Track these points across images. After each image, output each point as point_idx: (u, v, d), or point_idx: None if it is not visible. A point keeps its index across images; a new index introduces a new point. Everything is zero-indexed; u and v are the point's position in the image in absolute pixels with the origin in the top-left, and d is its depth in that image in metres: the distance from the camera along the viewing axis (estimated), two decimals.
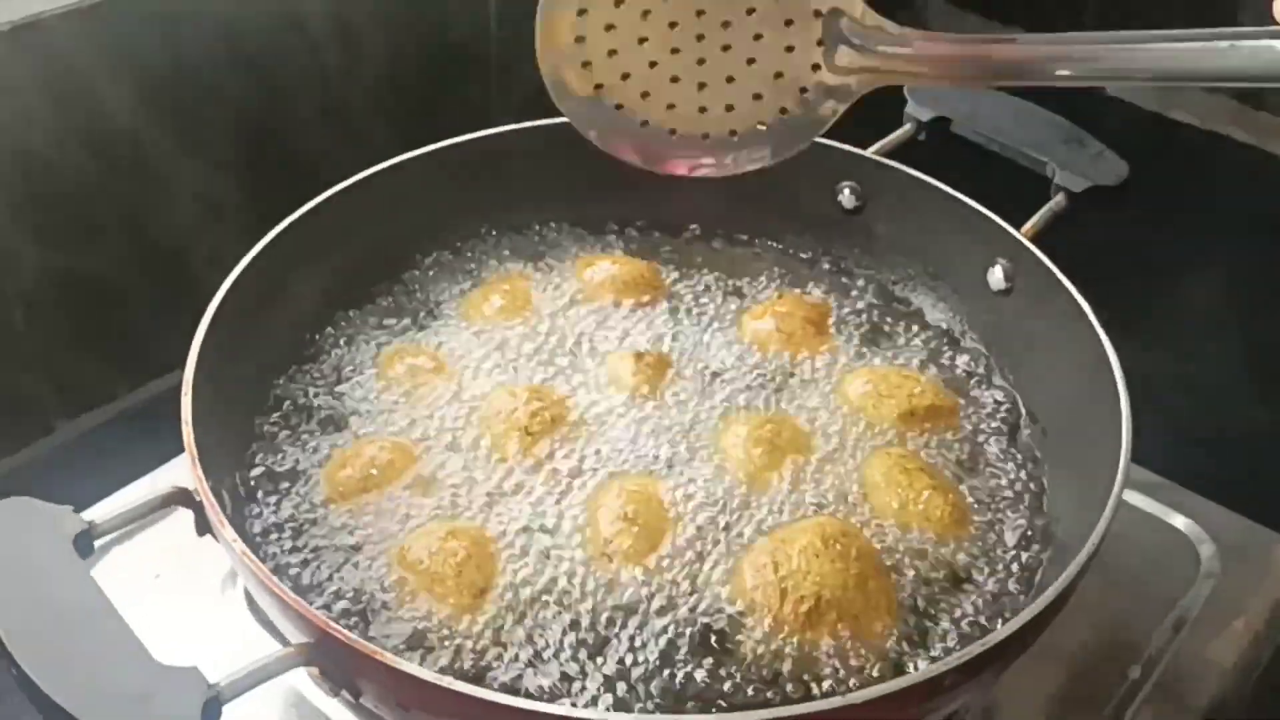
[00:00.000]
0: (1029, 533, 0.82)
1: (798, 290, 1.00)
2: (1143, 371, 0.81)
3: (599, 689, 0.70)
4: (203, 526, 0.72)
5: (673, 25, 0.74)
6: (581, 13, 0.73)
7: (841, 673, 0.71)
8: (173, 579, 0.86)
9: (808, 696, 0.70)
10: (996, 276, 0.94)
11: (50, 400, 1.20)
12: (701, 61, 0.75)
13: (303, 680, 0.80)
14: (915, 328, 0.98)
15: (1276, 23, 0.63)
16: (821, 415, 0.88)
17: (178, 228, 1.23)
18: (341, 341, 0.94)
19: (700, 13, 0.73)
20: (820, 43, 0.73)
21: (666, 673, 0.71)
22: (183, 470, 0.88)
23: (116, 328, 1.22)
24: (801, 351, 0.93)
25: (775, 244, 1.05)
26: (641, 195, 1.01)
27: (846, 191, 1.01)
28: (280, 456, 0.84)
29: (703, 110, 0.76)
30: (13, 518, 0.65)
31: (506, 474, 0.81)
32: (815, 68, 0.74)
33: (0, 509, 0.65)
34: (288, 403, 0.88)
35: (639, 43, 0.74)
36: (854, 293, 1.01)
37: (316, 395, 0.89)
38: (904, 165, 0.99)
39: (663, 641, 0.72)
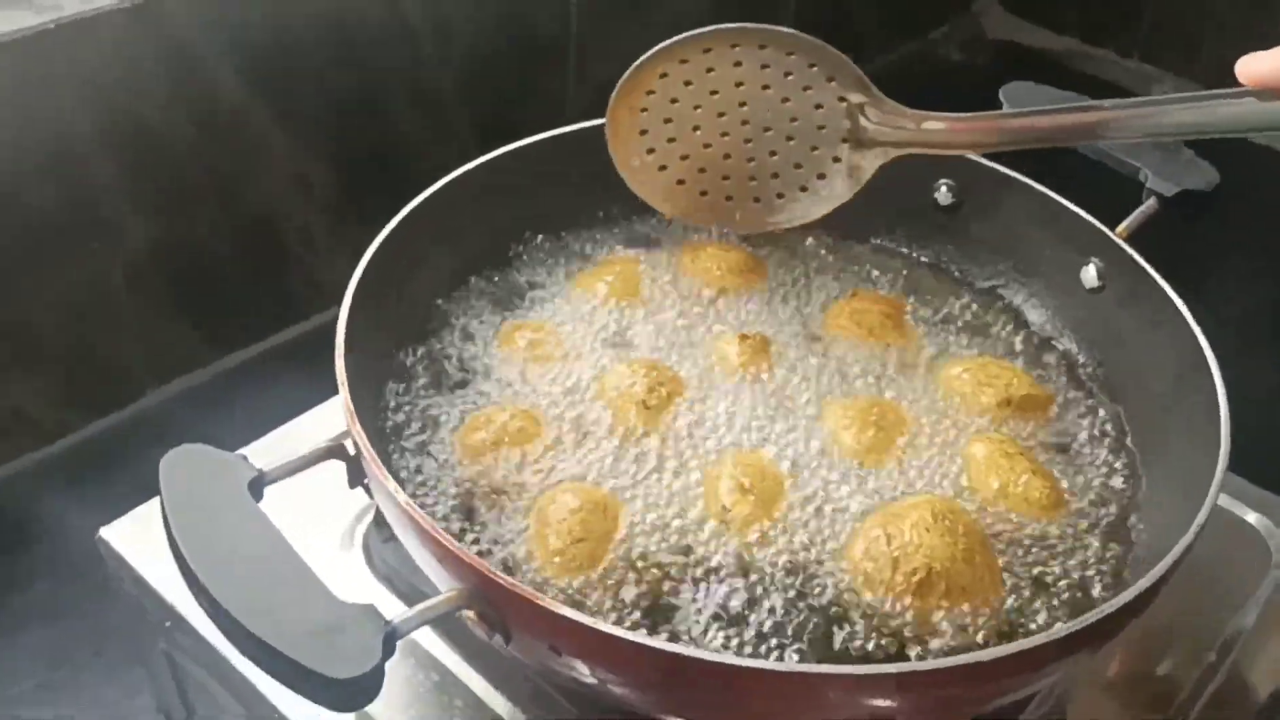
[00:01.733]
0: (1118, 522, 0.85)
1: (873, 286, 1.03)
2: (1225, 370, 0.83)
3: (729, 642, 0.74)
4: (356, 478, 0.76)
5: (721, 115, 0.88)
6: (643, 110, 0.88)
7: (951, 642, 0.75)
8: (292, 536, 0.89)
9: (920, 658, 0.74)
10: (1090, 275, 0.97)
11: (144, 365, 1.24)
12: (748, 141, 0.90)
13: (421, 633, 0.84)
14: (1008, 322, 1.00)
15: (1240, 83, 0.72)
16: (921, 401, 0.91)
17: (271, 202, 1.27)
18: (460, 318, 0.97)
19: (743, 104, 0.88)
20: (847, 121, 0.87)
21: (786, 630, 0.75)
22: (320, 423, 0.94)
23: (209, 296, 1.26)
24: (885, 341, 0.96)
25: (873, 239, 1.08)
26: None
27: (944, 188, 1.04)
28: (412, 419, 0.87)
29: (751, 179, 0.92)
30: (192, 461, 0.68)
31: (627, 444, 0.85)
32: (844, 140, 0.89)
33: (181, 453, 0.68)
34: (419, 368, 0.91)
35: (693, 130, 0.89)
36: (948, 287, 1.04)
37: (445, 363, 0.92)
38: (999, 164, 1.01)
39: (780, 604, 0.76)
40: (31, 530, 1.12)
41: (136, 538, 0.89)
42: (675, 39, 0.86)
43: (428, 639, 0.84)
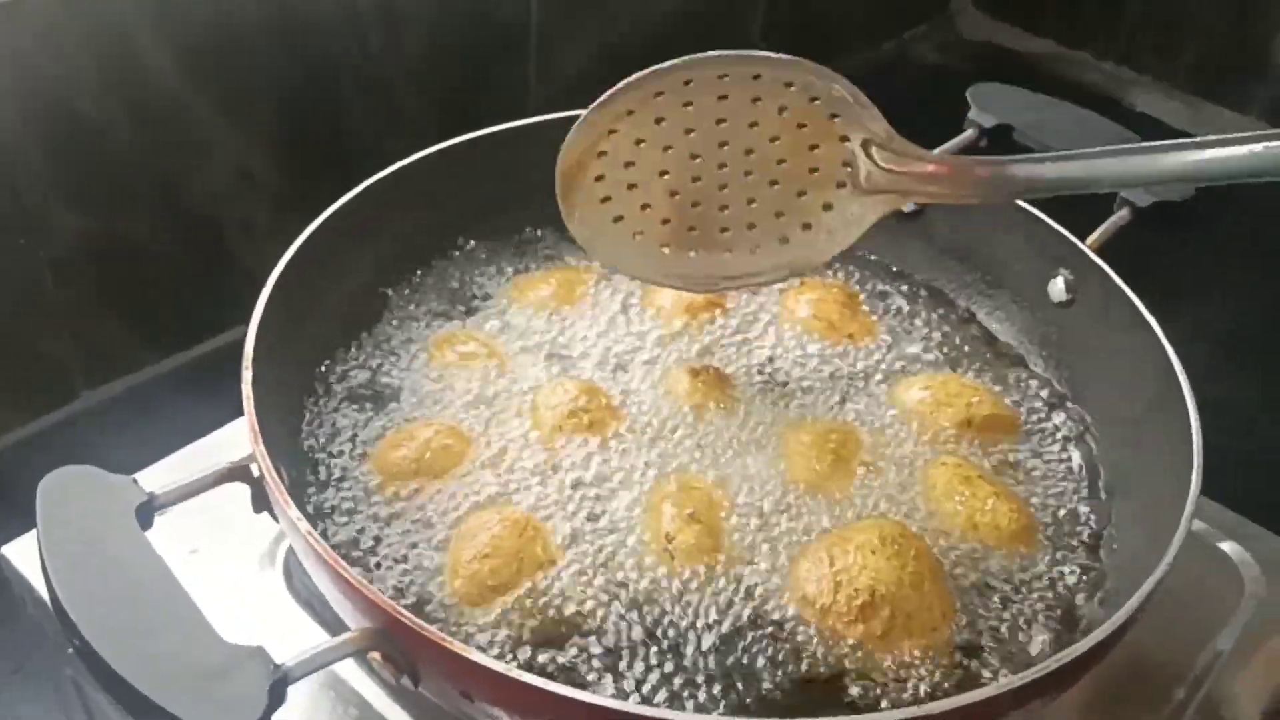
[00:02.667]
0: (1086, 549, 0.81)
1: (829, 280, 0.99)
2: (1198, 390, 0.80)
3: (657, 682, 0.70)
4: (260, 503, 0.71)
5: (694, 157, 0.75)
6: (601, 154, 0.74)
7: (897, 674, 0.71)
8: (207, 555, 0.85)
9: (863, 696, 0.70)
10: (1058, 288, 0.93)
11: (76, 365, 1.19)
12: (724, 186, 0.76)
13: (347, 668, 0.79)
14: (974, 335, 0.97)
15: None
16: (880, 422, 0.87)
17: (212, 196, 1.23)
18: (392, 323, 0.93)
19: (723, 144, 0.74)
20: (846, 164, 0.74)
21: (724, 664, 0.71)
22: (229, 443, 0.88)
23: (146, 294, 1.22)
24: (848, 343, 0.93)
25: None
26: None
27: None
28: (330, 437, 0.83)
29: (724, 230, 0.78)
30: (74, 485, 0.64)
31: (554, 466, 0.80)
32: (840, 185, 0.76)
33: (62, 476, 0.63)
34: (339, 382, 0.87)
35: (660, 175, 0.75)
36: (912, 299, 1.00)
37: (368, 375, 0.88)
38: None
39: (721, 635, 0.72)
40: None
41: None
42: (655, 69, 0.73)
43: (348, 671, 0.79)
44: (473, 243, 1.00)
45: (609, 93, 0.73)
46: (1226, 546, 0.94)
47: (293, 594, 0.84)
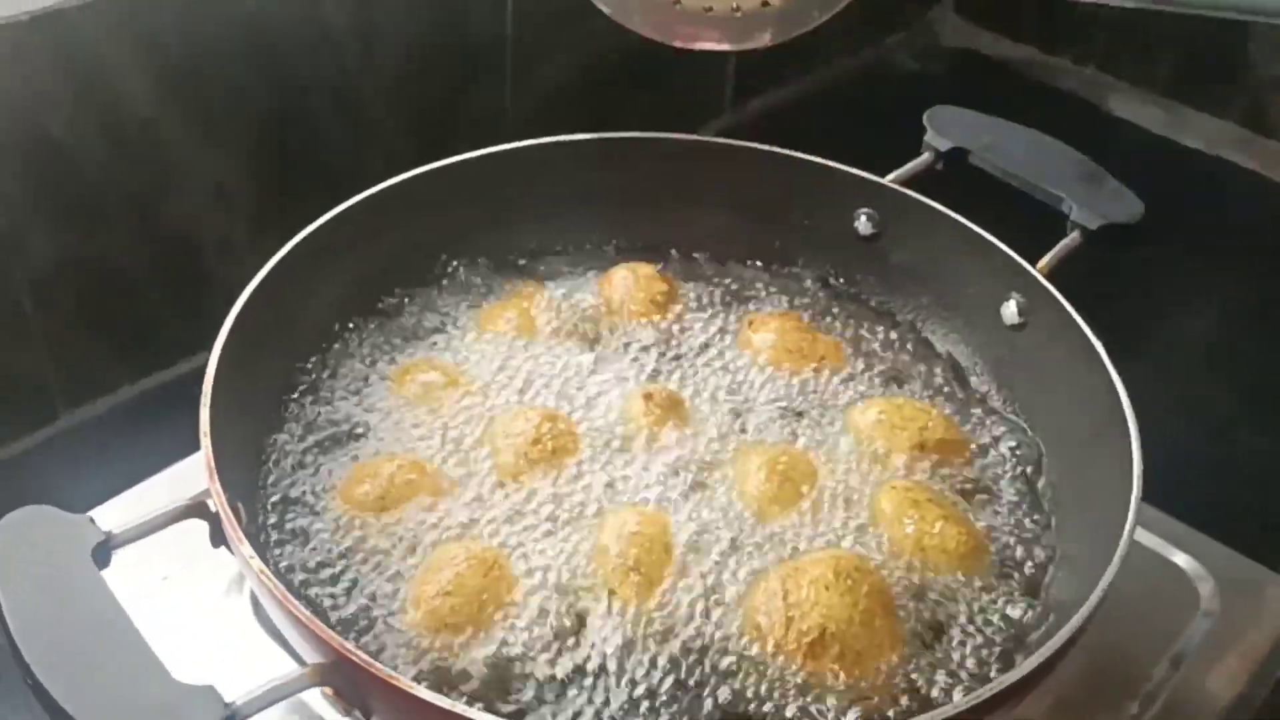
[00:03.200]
0: (1037, 566, 0.83)
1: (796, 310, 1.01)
2: (1149, 407, 0.81)
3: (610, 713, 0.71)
4: (218, 539, 0.72)
5: None
6: None
7: (845, 708, 0.72)
8: (178, 582, 0.86)
9: None
10: (1010, 311, 0.94)
11: (55, 387, 1.20)
12: None
13: (314, 696, 0.81)
14: (927, 357, 0.98)
15: None
16: (833, 447, 0.88)
17: (189, 218, 1.23)
18: (357, 352, 0.94)
19: None
20: None
21: (676, 702, 0.72)
22: (193, 475, 0.89)
23: (124, 316, 1.23)
24: (805, 368, 0.94)
25: (790, 268, 1.06)
26: (654, 215, 1.03)
27: (863, 218, 1.02)
28: (293, 470, 0.84)
29: None
30: (32, 525, 0.65)
31: (518, 498, 0.82)
32: None
33: (20, 517, 0.65)
34: (301, 414, 0.88)
35: None
36: (866, 321, 1.01)
37: (331, 407, 0.89)
38: (921, 195, 0.99)
39: (672, 670, 0.73)
40: None
41: None
42: None
43: (316, 699, 0.80)
44: (445, 268, 1.02)
45: None
46: (1180, 559, 0.96)
47: (260, 621, 0.85)
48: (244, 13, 1.18)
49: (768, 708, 0.72)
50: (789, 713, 0.71)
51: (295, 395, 0.89)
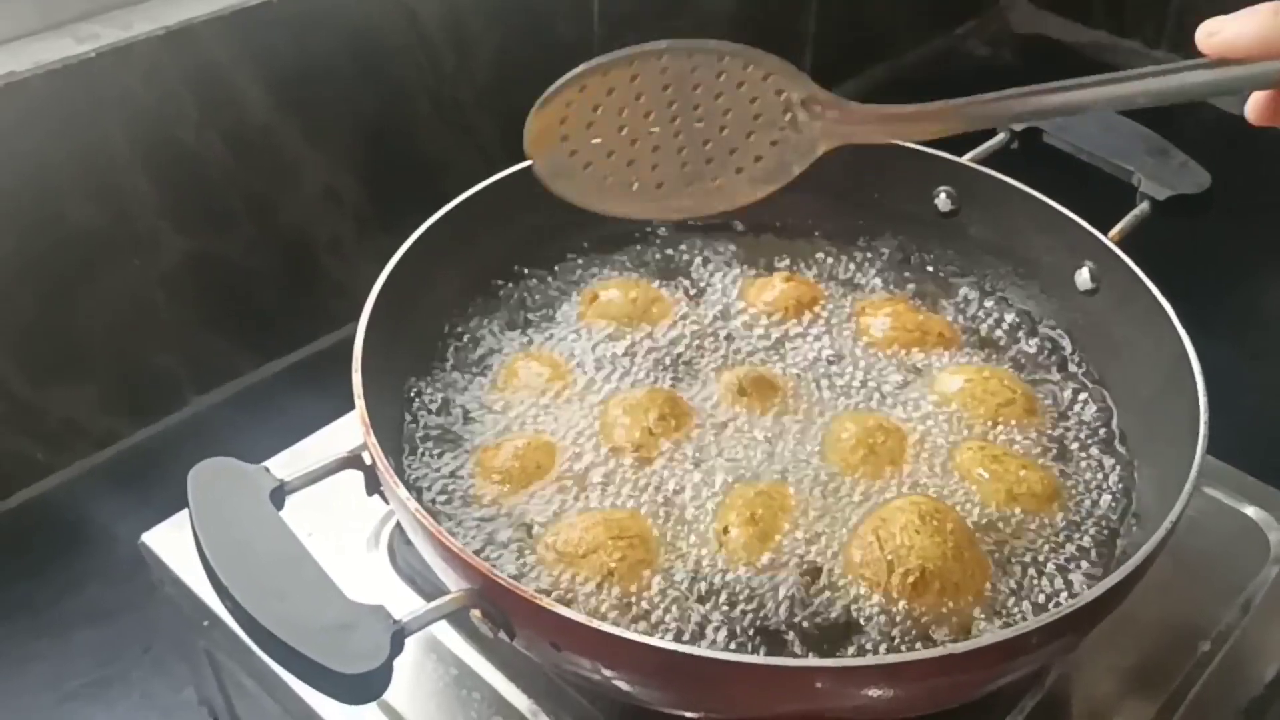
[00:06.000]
0: (1112, 518, 0.87)
1: (902, 292, 1.06)
2: (1221, 370, 0.86)
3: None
4: (372, 487, 0.80)
5: (647, 115, 0.83)
6: (562, 121, 0.82)
7: (950, 635, 0.78)
8: (325, 536, 0.94)
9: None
10: (1083, 278, 0.99)
11: (185, 375, 1.29)
12: (678, 134, 0.84)
13: (441, 628, 0.89)
14: (1006, 323, 1.03)
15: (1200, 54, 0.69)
16: (918, 412, 0.94)
17: (302, 217, 1.32)
18: (478, 336, 1.00)
19: (671, 103, 0.83)
20: (785, 112, 0.82)
21: (787, 632, 0.78)
22: (342, 434, 0.97)
23: (246, 308, 1.31)
24: (913, 349, 0.99)
25: (872, 244, 1.11)
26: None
27: (943, 195, 1.07)
28: (431, 439, 0.91)
29: (684, 166, 0.85)
30: (218, 473, 0.73)
31: (638, 473, 0.87)
32: (783, 128, 0.83)
33: (207, 466, 0.73)
34: (428, 395, 0.95)
35: (618, 130, 0.83)
36: (949, 290, 1.07)
37: (453, 389, 0.95)
38: (997, 172, 1.04)
39: (786, 614, 0.79)
40: (83, 534, 1.18)
41: (175, 543, 0.94)
42: (592, 63, 0.81)
43: (447, 635, 0.89)
44: (550, 262, 1.08)
45: (561, 80, 0.81)
46: (1251, 511, 1.00)
47: (396, 571, 0.93)
48: (350, 26, 1.25)
49: (891, 642, 0.78)
50: (902, 647, 0.78)
51: (417, 378, 0.96)
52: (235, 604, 0.65)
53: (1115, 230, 0.98)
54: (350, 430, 0.81)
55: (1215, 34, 0.68)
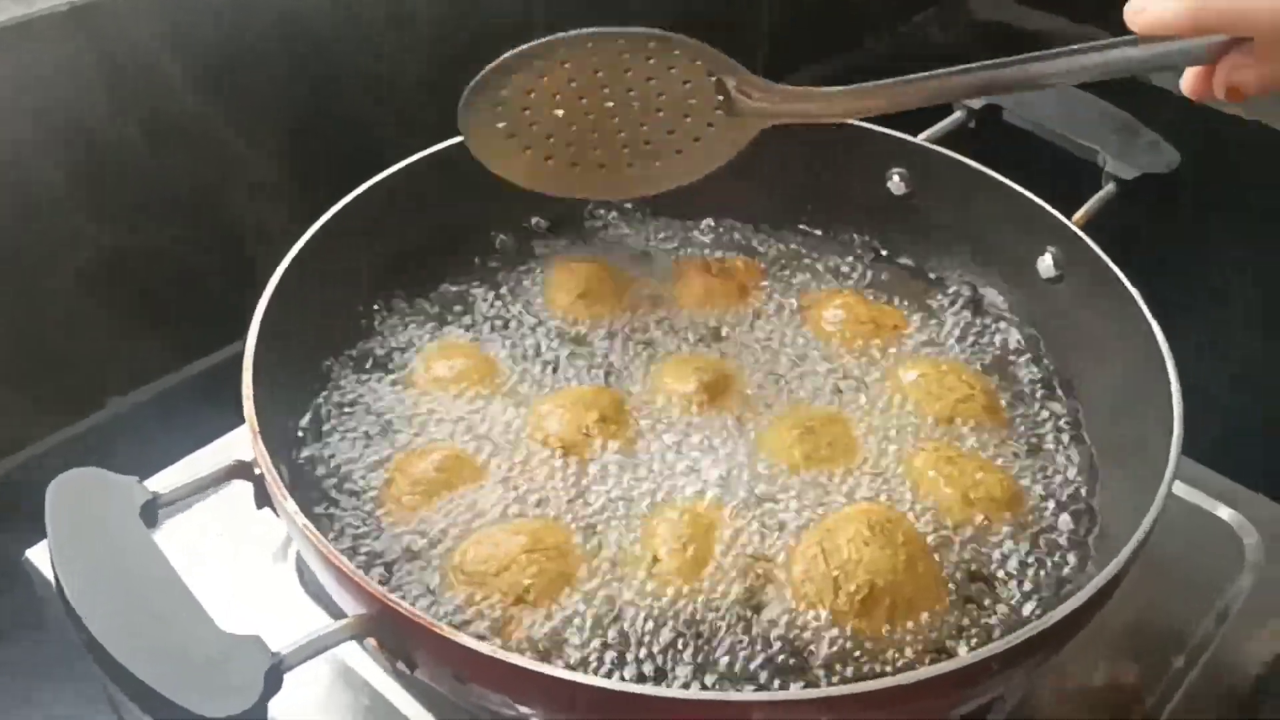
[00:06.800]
0: (1077, 520, 0.82)
1: (852, 282, 1.02)
2: (1190, 361, 0.81)
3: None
4: (262, 499, 0.73)
5: (581, 99, 0.86)
6: (498, 105, 0.85)
7: (898, 657, 0.72)
8: (225, 551, 0.88)
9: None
10: (1046, 265, 0.94)
11: (104, 374, 1.22)
12: (614, 116, 0.87)
13: (351, 653, 0.82)
14: (964, 313, 0.98)
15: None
16: (872, 410, 0.89)
17: (230, 206, 1.25)
18: (397, 327, 0.95)
19: (604, 87, 0.86)
20: (719, 95, 0.85)
21: (725, 662, 0.72)
22: (239, 444, 0.91)
23: (168, 304, 1.25)
24: (865, 341, 0.94)
25: (823, 231, 1.06)
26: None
27: (896, 178, 1.02)
28: (332, 435, 0.85)
29: (624, 147, 0.89)
30: (82, 487, 0.66)
31: (563, 478, 0.82)
32: (717, 109, 0.86)
33: (71, 479, 0.66)
34: (340, 384, 0.89)
35: (554, 111, 0.86)
36: (903, 281, 1.02)
37: (367, 380, 0.90)
38: (954, 152, 0.99)
39: (727, 635, 0.73)
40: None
41: None
42: (517, 51, 0.84)
43: (359, 661, 0.82)
44: (481, 247, 1.03)
45: (490, 66, 0.84)
46: (1225, 514, 0.95)
47: (303, 585, 0.86)
48: (279, 2, 1.19)
49: (836, 666, 0.72)
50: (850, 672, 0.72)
51: (330, 365, 0.91)
52: (88, 634, 0.58)
53: (1080, 213, 0.93)
54: (243, 442, 0.74)
55: (1141, 11, 0.70)
